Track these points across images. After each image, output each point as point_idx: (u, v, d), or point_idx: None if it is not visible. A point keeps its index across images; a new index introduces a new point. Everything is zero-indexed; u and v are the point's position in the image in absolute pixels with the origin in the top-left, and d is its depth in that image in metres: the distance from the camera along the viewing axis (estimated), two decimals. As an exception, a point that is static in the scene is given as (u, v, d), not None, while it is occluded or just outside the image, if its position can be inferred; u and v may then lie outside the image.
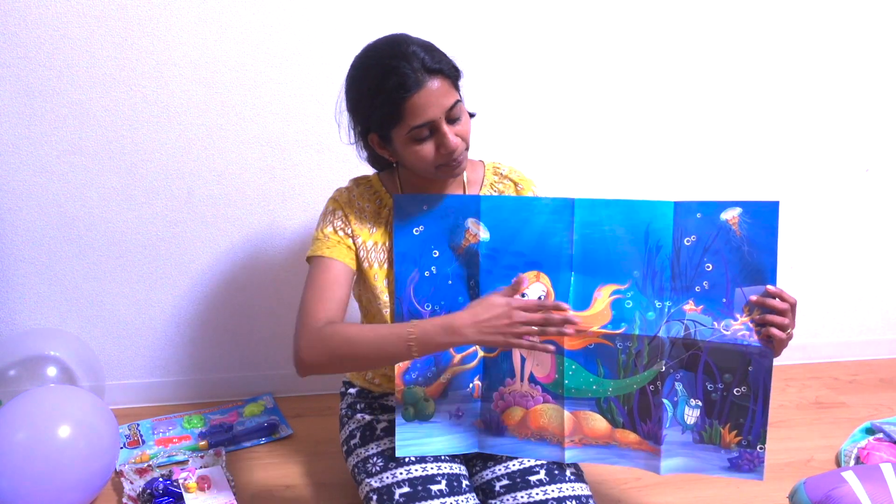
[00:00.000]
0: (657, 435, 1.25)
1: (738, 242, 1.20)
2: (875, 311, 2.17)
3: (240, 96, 1.68)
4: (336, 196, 1.36)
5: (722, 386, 1.22)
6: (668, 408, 1.24)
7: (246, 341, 1.87)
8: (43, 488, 1.32)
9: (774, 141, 1.96)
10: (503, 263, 1.27)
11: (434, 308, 1.28)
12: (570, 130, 1.85)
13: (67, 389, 1.49)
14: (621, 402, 1.26)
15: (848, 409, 1.91)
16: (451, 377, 1.30)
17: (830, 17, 1.88)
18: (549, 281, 1.26)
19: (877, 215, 2.08)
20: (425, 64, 1.17)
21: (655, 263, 1.23)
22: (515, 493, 1.29)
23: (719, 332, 1.20)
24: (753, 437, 1.22)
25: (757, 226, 1.19)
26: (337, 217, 1.33)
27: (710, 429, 1.24)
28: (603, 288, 1.25)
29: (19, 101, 1.60)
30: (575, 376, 1.26)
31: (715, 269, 1.21)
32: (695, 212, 1.21)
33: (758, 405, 1.21)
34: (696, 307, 1.22)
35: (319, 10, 1.66)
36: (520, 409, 1.29)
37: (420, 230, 1.29)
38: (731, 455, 1.23)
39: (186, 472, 1.47)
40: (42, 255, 1.71)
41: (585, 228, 1.24)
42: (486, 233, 1.27)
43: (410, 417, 1.29)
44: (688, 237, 1.21)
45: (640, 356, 1.24)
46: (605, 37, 1.80)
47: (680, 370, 1.23)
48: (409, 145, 1.21)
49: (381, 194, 1.36)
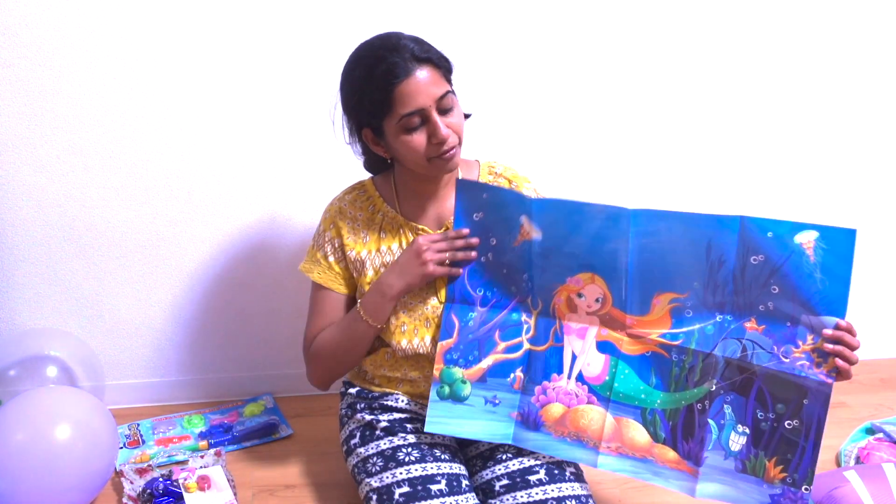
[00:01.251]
0: (698, 456, 1.20)
1: (810, 269, 1.14)
2: (875, 312, 2.17)
3: (239, 96, 1.68)
4: (327, 213, 1.40)
5: (773, 416, 1.17)
6: (713, 429, 1.20)
7: (246, 341, 1.87)
8: (42, 488, 1.32)
9: (774, 141, 1.96)
10: (556, 262, 1.26)
11: (486, 294, 1.29)
12: (565, 130, 1.85)
13: (66, 390, 1.49)
14: (667, 416, 1.23)
15: (848, 409, 1.91)
16: (493, 363, 1.29)
17: (839, 20, 1.88)
18: (604, 283, 1.24)
19: (877, 215, 2.08)
20: (414, 53, 1.19)
21: (718, 277, 1.19)
22: (515, 493, 1.29)
23: (778, 357, 1.16)
24: (800, 476, 1.15)
25: (832, 253, 1.12)
26: (327, 240, 1.37)
27: (754, 459, 1.18)
28: (662, 295, 1.22)
29: (19, 101, 1.60)
30: (626, 381, 1.24)
31: (781, 292, 1.16)
32: (765, 230, 1.15)
33: (808, 442, 1.15)
34: (757, 326, 1.18)
35: (319, 11, 1.66)
36: (561, 406, 1.27)
37: (480, 216, 1.28)
38: (774, 491, 1.17)
39: (186, 472, 1.47)
40: (42, 255, 1.71)
41: (642, 238, 1.20)
42: (539, 233, 1.25)
43: (445, 396, 1.29)
44: (755, 256, 1.16)
45: (692, 371, 1.21)
46: (601, 36, 1.79)
47: (731, 392, 1.19)
48: (400, 135, 1.22)
49: (374, 200, 1.36)
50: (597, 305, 1.26)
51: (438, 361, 1.29)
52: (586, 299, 1.26)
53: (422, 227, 1.35)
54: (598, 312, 1.26)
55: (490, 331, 1.30)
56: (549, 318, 1.29)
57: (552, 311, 1.29)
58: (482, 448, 1.40)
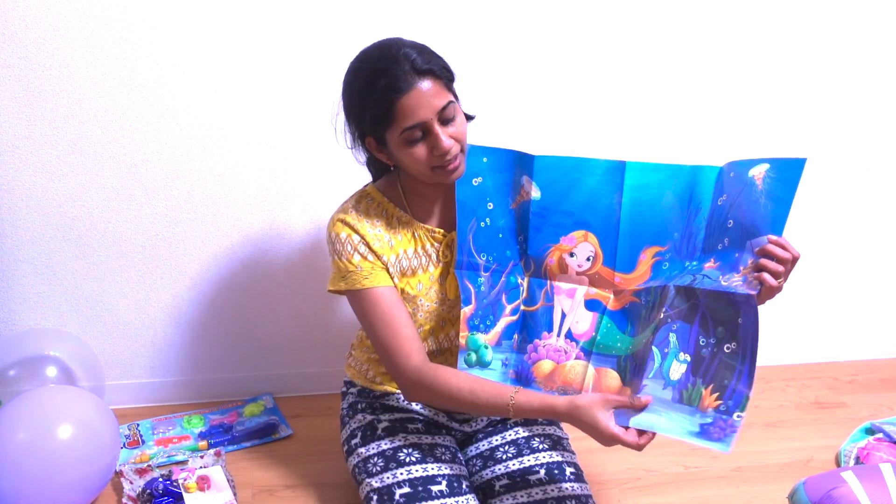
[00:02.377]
0: (637, 385, 1.20)
1: (756, 196, 1.16)
2: (875, 311, 2.17)
3: (240, 96, 1.68)
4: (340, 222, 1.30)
5: (714, 341, 1.17)
6: (655, 357, 1.19)
7: (246, 341, 1.87)
8: (44, 488, 1.32)
9: (773, 141, 1.96)
10: (552, 222, 1.28)
11: (488, 258, 1.31)
12: (566, 130, 1.85)
13: (68, 390, 1.49)
14: (635, 359, 1.24)
15: (848, 409, 1.91)
16: (505, 326, 1.31)
17: (835, 17, 1.88)
18: (597, 241, 1.27)
19: (877, 215, 2.08)
20: (415, 65, 1.17)
21: (693, 225, 1.22)
22: (515, 493, 1.29)
23: (719, 283, 1.16)
24: (734, 403, 1.14)
25: (778, 180, 1.15)
26: (357, 243, 1.29)
27: (692, 388, 1.17)
28: (647, 250, 1.25)
29: (19, 101, 1.60)
30: (607, 334, 1.27)
31: (735, 224, 1.19)
32: (730, 171, 1.19)
33: (745, 366, 1.14)
34: (713, 264, 1.21)
35: (319, 11, 1.66)
36: (551, 362, 1.29)
37: (479, 181, 1.30)
38: (705, 420, 1.14)
39: (186, 472, 1.47)
40: (42, 255, 1.71)
41: (634, 192, 1.23)
42: (538, 191, 1.27)
43: (473, 363, 1.30)
44: (721, 197, 1.20)
45: (654, 308, 1.23)
46: (601, 34, 1.79)
47: (678, 321, 1.20)
48: (403, 147, 1.21)
49: (384, 205, 1.34)
50: (587, 264, 1.29)
51: (463, 329, 1.29)
52: (577, 258, 1.28)
53: (435, 229, 1.34)
54: (588, 272, 1.29)
55: (498, 294, 1.32)
56: (541, 279, 1.31)
57: (543, 272, 1.31)
58: (482, 448, 1.41)
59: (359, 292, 1.29)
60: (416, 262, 1.33)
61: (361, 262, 1.28)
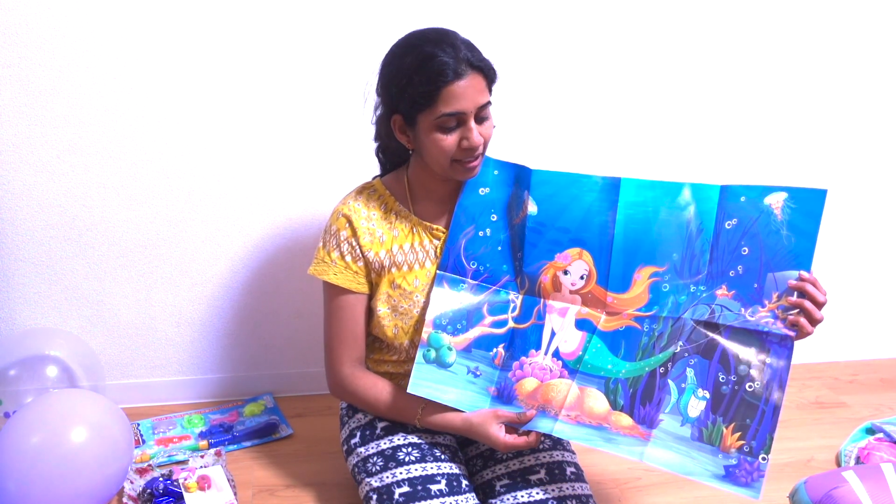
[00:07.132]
0: (653, 418, 1.19)
1: (777, 226, 1.15)
2: (875, 311, 2.17)
3: (240, 96, 1.68)
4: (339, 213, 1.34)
5: (735, 378, 1.16)
6: (672, 391, 1.18)
7: (246, 341, 1.87)
8: (57, 492, 1.30)
9: (774, 141, 1.96)
10: (548, 238, 1.28)
11: (479, 267, 1.30)
12: (564, 130, 1.85)
13: (82, 393, 1.48)
14: (629, 384, 1.23)
15: (848, 409, 1.91)
16: (479, 335, 1.31)
17: (849, 16, 1.88)
18: (591, 259, 1.26)
19: (877, 215, 2.08)
20: (469, 58, 1.20)
21: (695, 246, 1.21)
22: (515, 493, 1.29)
23: (743, 317, 1.15)
24: (758, 444, 1.13)
25: (800, 211, 1.14)
26: (343, 239, 1.33)
27: (712, 426, 1.17)
28: (642, 269, 1.24)
29: (19, 101, 1.60)
30: (596, 354, 1.26)
31: (751, 252, 1.17)
32: (739, 195, 1.18)
33: (769, 406, 1.13)
34: (727, 292, 1.19)
35: (320, 11, 1.66)
36: (535, 380, 1.28)
37: (486, 191, 1.31)
38: (729, 462, 1.14)
39: (186, 471, 1.47)
40: (42, 254, 1.71)
41: (629, 209, 1.23)
42: (535, 207, 1.28)
43: (431, 360, 1.30)
44: (729, 220, 1.18)
45: (661, 338, 1.21)
46: (608, 34, 1.79)
47: (695, 355, 1.19)
48: (433, 132, 1.22)
49: (386, 198, 1.35)
50: (581, 283, 1.28)
51: (427, 325, 1.30)
52: (571, 276, 1.28)
53: (435, 226, 1.35)
54: (581, 291, 1.28)
55: (480, 303, 1.31)
56: (534, 297, 1.31)
57: (537, 290, 1.30)
58: (482, 448, 1.40)
59: (325, 283, 1.37)
60: (411, 257, 1.33)
61: (339, 260, 1.33)
